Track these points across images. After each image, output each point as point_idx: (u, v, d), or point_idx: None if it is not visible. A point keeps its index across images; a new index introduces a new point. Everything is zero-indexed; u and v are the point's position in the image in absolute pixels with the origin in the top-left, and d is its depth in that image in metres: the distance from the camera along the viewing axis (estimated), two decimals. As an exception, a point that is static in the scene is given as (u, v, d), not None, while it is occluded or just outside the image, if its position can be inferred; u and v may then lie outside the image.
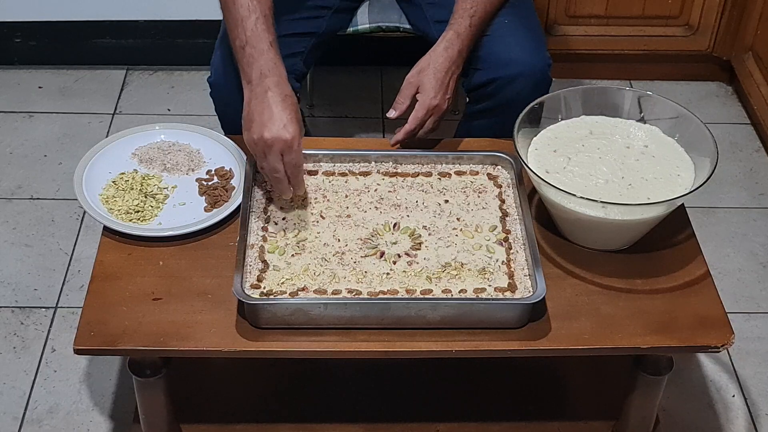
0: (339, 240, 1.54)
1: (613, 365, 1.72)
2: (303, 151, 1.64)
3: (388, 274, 1.48)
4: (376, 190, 1.63)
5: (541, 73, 1.77)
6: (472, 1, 1.72)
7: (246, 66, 1.55)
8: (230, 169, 1.67)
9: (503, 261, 1.51)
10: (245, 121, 1.53)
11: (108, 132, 2.50)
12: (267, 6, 1.58)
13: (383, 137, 2.52)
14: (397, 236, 1.55)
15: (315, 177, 1.64)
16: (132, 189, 1.63)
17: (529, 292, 1.46)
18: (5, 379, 1.93)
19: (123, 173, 1.66)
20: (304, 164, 1.65)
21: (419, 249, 1.53)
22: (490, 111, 1.76)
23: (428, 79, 1.68)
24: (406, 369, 1.74)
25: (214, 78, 1.77)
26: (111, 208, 1.59)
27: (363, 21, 2.03)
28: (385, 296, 1.45)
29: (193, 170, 1.68)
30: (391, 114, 1.69)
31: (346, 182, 1.64)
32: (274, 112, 1.49)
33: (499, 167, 1.67)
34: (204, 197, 1.63)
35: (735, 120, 2.64)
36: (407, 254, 1.52)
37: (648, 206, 1.49)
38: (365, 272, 1.49)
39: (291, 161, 1.50)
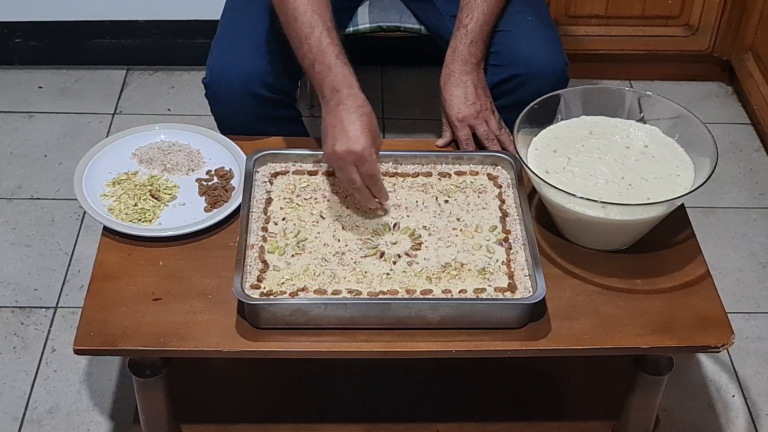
0: (339, 240, 1.54)
1: (613, 365, 1.72)
2: (307, 152, 1.65)
3: (388, 274, 1.48)
4: (376, 190, 1.63)
5: (561, 72, 1.78)
6: (468, 9, 1.73)
7: (318, 83, 1.56)
8: (230, 169, 1.67)
9: (503, 261, 1.51)
10: (322, 136, 1.54)
11: (108, 132, 2.50)
12: (327, 18, 1.59)
13: (383, 137, 2.52)
14: (397, 236, 1.55)
15: (315, 177, 1.64)
16: (140, 191, 1.62)
17: (529, 292, 1.46)
18: (5, 379, 1.93)
19: (127, 172, 1.66)
20: (305, 165, 1.65)
21: (419, 249, 1.53)
22: (507, 108, 1.76)
23: (447, 95, 1.73)
24: (406, 369, 1.74)
25: (209, 79, 1.77)
26: (112, 209, 1.59)
27: (363, 21, 2.03)
28: (385, 296, 1.45)
29: (193, 170, 1.68)
30: (439, 142, 1.75)
31: (346, 182, 1.64)
32: (345, 125, 1.49)
33: (499, 167, 1.67)
34: (204, 197, 1.63)
35: (735, 120, 2.64)
36: (407, 254, 1.52)
37: (648, 206, 1.49)
38: (365, 272, 1.49)
39: (365, 172, 1.50)
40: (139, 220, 1.58)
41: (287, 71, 1.79)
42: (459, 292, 1.46)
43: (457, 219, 1.58)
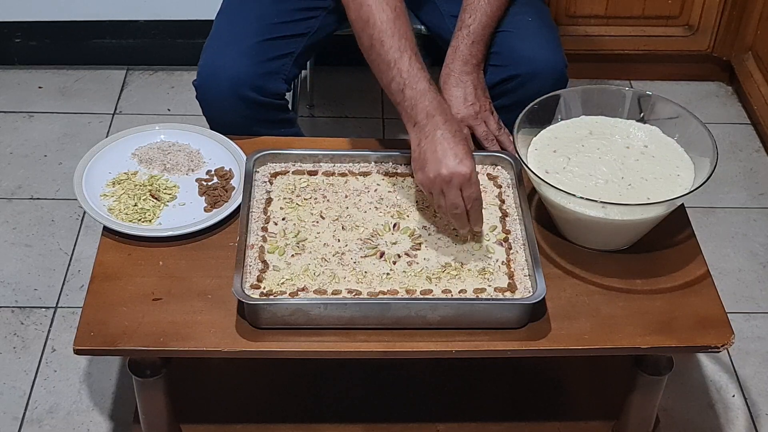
0: (339, 240, 1.54)
1: (613, 365, 1.72)
2: (307, 152, 1.65)
3: (388, 274, 1.48)
4: (376, 190, 1.63)
5: (561, 72, 1.78)
6: (471, 9, 1.73)
7: (409, 108, 1.54)
8: (230, 169, 1.67)
9: (503, 261, 1.51)
10: (417, 162, 1.52)
11: (108, 132, 2.50)
12: (414, 42, 1.59)
13: (383, 137, 2.52)
14: (397, 236, 1.55)
15: (315, 177, 1.64)
16: (140, 191, 1.62)
17: (529, 292, 1.46)
18: (5, 379, 1.93)
19: (127, 172, 1.66)
20: (305, 165, 1.65)
21: (419, 249, 1.53)
22: (507, 108, 1.75)
23: (447, 95, 1.71)
24: (406, 369, 1.74)
25: (199, 81, 1.76)
26: (112, 209, 1.59)
27: (363, 21, 2.02)
28: (385, 296, 1.45)
29: (193, 170, 1.68)
30: None
31: (346, 182, 1.64)
32: (447, 149, 1.48)
33: (499, 167, 1.67)
34: (204, 197, 1.63)
35: (735, 120, 2.64)
36: (407, 254, 1.52)
37: (648, 206, 1.49)
38: (365, 272, 1.49)
39: (470, 195, 1.49)
40: (139, 220, 1.58)
41: (279, 75, 1.79)
42: (459, 292, 1.46)
43: (457, 219, 1.58)
